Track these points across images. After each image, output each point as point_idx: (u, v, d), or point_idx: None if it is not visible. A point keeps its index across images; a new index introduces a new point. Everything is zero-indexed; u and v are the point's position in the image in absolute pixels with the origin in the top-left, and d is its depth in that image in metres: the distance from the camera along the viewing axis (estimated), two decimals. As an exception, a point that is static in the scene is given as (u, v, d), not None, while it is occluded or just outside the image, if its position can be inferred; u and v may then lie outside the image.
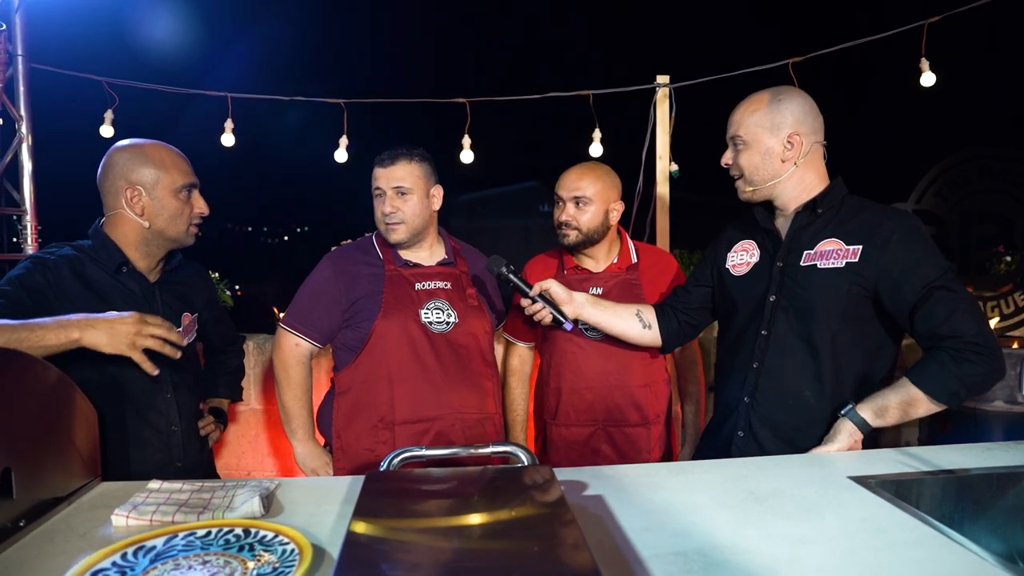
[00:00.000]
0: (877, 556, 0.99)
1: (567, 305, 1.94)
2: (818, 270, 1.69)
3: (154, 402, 1.81)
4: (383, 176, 2.08)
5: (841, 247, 1.67)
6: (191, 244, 1.91)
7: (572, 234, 2.19)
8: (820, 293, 1.68)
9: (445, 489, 1.09)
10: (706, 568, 0.96)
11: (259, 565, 0.94)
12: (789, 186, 1.76)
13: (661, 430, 2.27)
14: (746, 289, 1.85)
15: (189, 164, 1.88)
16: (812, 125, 1.74)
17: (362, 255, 2.14)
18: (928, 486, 1.36)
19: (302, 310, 2.11)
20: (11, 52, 3.00)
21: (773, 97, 1.75)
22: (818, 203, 1.73)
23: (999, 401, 3.24)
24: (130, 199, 1.78)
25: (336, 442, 2.08)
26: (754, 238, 1.88)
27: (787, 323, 1.73)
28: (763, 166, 1.76)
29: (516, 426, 2.40)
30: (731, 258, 1.92)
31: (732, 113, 1.82)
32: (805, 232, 1.75)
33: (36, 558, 1.03)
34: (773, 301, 1.76)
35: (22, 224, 3.14)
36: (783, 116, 1.72)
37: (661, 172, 3.68)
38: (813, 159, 1.75)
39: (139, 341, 1.53)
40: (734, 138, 1.79)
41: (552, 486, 1.06)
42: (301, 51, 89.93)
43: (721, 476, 1.36)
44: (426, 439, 2.01)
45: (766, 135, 1.74)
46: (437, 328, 2.05)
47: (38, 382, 1.22)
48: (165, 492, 1.25)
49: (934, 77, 3.38)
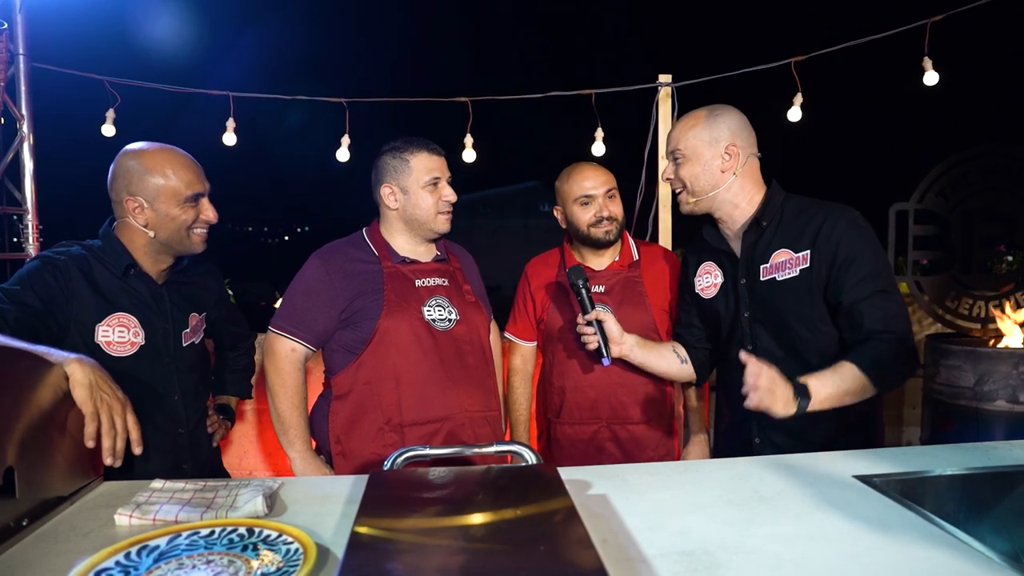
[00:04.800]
0: (883, 555, 0.99)
1: (615, 345, 1.97)
2: (778, 283, 1.78)
3: (162, 405, 1.80)
4: (440, 163, 2.03)
5: (791, 256, 1.77)
6: (200, 251, 1.85)
7: (614, 227, 2.22)
8: (786, 305, 1.77)
9: (449, 488, 1.08)
10: (712, 567, 0.96)
11: (263, 565, 0.94)
12: (729, 195, 1.84)
13: (665, 428, 2.27)
14: (720, 309, 1.93)
15: (197, 169, 1.81)
16: (747, 138, 1.84)
17: (356, 251, 2.04)
18: (933, 485, 1.35)
19: (295, 312, 1.98)
20: (13, 51, 3.00)
21: (710, 113, 1.84)
22: (761, 217, 1.81)
23: (1001, 401, 3.23)
24: (132, 211, 1.74)
25: (336, 447, 1.98)
26: (713, 259, 1.96)
27: (767, 336, 1.82)
28: (703, 176, 1.84)
29: (519, 425, 2.40)
30: (698, 282, 2.01)
31: (670, 131, 1.92)
32: (756, 247, 1.83)
33: (39, 558, 1.03)
34: (748, 317, 1.85)
35: (23, 224, 3.13)
36: (720, 130, 1.82)
37: (663, 171, 3.67)
38: (750, 169, 1.84)
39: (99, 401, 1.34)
40: (674, 152, 1.89)
41: (557, 485, 1.05)
42: (303, 50, 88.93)
43: (727, 475, 1.35)
44: (437, 440, 1.95)
45: (705, 148, 1.82)
46: (440, 326, 1.99)
47: (42, 382, 1.22)
48: (168, 491, 1.25)
49: (937, 76, 3.37)
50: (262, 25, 79.06)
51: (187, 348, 1.88)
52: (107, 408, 1.33)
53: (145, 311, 1.78)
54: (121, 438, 1.34)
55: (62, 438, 1.25)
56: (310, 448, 2.01)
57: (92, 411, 1.30)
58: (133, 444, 1.37)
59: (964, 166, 3.85)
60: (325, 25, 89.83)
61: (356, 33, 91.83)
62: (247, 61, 69.78)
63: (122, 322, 1.73)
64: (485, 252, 1.91)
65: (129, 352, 1.73)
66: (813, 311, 1.74)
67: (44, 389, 1.22)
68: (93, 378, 1.32)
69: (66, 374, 1.29)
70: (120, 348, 1.72)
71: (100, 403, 1.32)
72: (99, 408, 1.31)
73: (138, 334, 1.75)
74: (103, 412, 1.32)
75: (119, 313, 1.73)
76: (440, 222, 2.04)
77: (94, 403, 1.30)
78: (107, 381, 1.36)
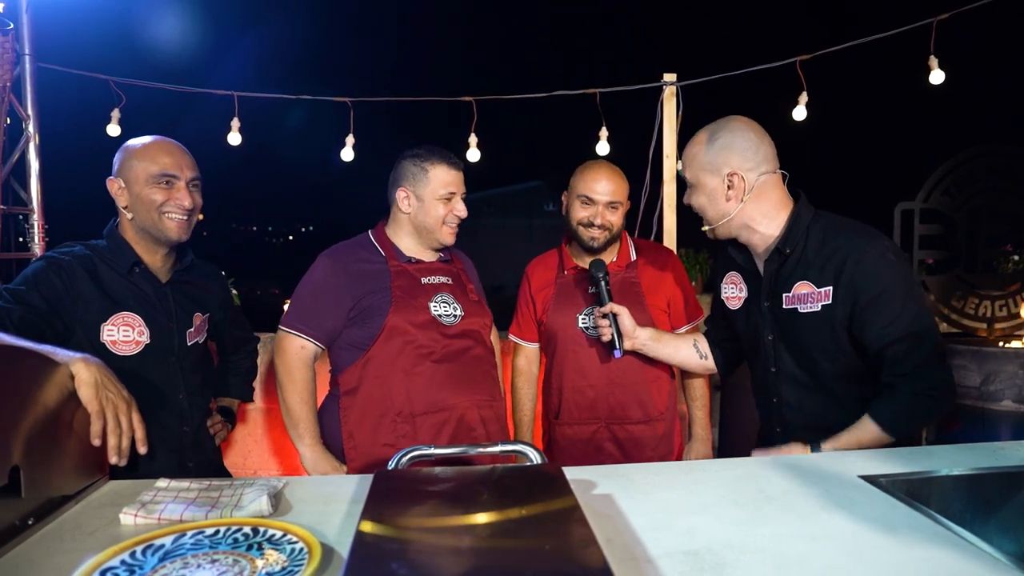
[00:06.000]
0: (888, 555, 0.99)
1: (628, 339, 2.01)
2: (800, 314, 1.69)
3: (167, 404, 1.80)
4: (458, 178, 2.08)
5: (814, 290, 1.66)
6: (177, 239, 1.80)
7: (603, 236, 2.21)
8: (809, 335, 1.69)
9: (454, 488, 1.08)
10: (717, 567, 0.95)
11: (268, 564, 0.94)
12: (743, 221, 1.73)
13: (666, 427, 2.27)
14: (743, 324, 1.89)
15: (179, 155, 1.80)
16: (754, 159, 1.69)
17: (363, 252, 2.09)
18: (939, 485, 1.35)
19: (304, 310, 2.03)
20: (18, 51, 3.01)
21: (710, 136, 1.72)
22: (783, 245, 1.70)
23: (1007, 401, 3.22)
24: (115, 192, 1.79)
25: (348, 443, 2.01)
26: (739, 271, 1.89)
27: (791, 360, 1.75)
28: (710, 206, 1.75)
29: (523, 426, 2.41)
30: (724, 289, 1.95)
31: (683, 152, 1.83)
32: (779, 275, 1.74)
33: (45, 556, 1.03)
34: (771, 340, 1.78)
35: (29, 223, 3.15)
36: (717, 155, 1.70)
37: (668, 171, 3.67)
38: (764, 190, 1.70)
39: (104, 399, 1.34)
40: (685, 179, 1.81)
41: (562, 484, 1.05)
42: (307, 50, 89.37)
43: (731, 475, 1.35)
44: (448, 428, 1.99)
45: (707, 176, 1.72)
46: (446, 321, 2.04)
47: (47, 381, 1.22)
48: (173, 491, 1.25)
49: (943, 75, 3.36)
50: (266, 25, 78.82)
51: (191, 347, 1.89)
52: (112, 407, 1.33)
53: (150, 310, 1.78)
54: (127, 437, 1.35)
55: (67, 437, 1.26)
56: (320, 442, 2.05)
57: (98, 409, 1.30)
58: (138, 443, 1.37)
59: (970, 165, 3.84)
60: (329, 25, 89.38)
61: (360, 33, 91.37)
62: (251, 61, 69.49)
63: (127, 321, 1.73)
64: (489, 252, 1.90)
65: (134, 351, 1.74)
66: (836, 346, 1.65)
67: (50, 388, 1.22)
68: (99, 377, 1.32)
69: (71, 373, 1.29)
70: (125, 347, 1.72)
71: (106, 402, 1.32)
72: (104, 407, 1.32)
73: (143, 333, 1.75)
74: (108, 411, 1.32)
75: (124, 312, 1.74)
76: (445, 234, 2.08)
77: (99, 402, 1.31)
78: (112, 380, 1.36)
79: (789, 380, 1.76)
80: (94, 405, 1.30)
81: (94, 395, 1.30)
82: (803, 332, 1.69)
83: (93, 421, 1.30)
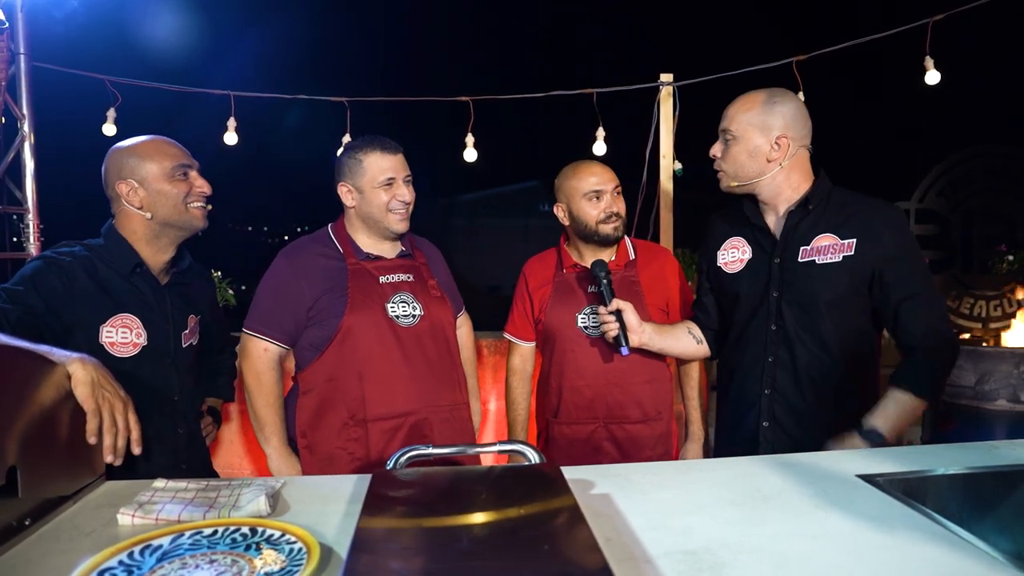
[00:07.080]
0: (886, 554, 0.99)
1: (634, 334, 2.00)
2: (817, 266, 1.77)
3: (163, 406, 1.80)
4: (395, 163, 2.01)
5: (836, 241, 1.76)
6: (202, 227, 1.85)
7: (621, 224, 2.23)
8: (821, 287, 1.76)
9: (453, 488, 1.08)
10: (715, 566, 0.95)
11: (266, 564, 0.94)
12: (773, 184, 1.83)
13: (663, 427, 2.27)
14: (745, 286, 1.90)
15: (180, 148, 1.84)
16: (800, 130, 1.81)
17: (321, 248, 2.06)
18: (936, 484, 1.35)
19: (264, 312, 2.01)
20: (13, 50, 3.00)
21: (768, 98, 1.81)
22: (809, 200, 1.80)
23: (1002, 400, 3.23)
24: (127, 194, 1.77)
25: (302, 441, 2.02)
26: (742, 234, 1.94)
27: (793, 317, 1.80)
28: (749, 163, 1.82)
29: (517, 425, 2.41)
30: (722, 255, 1.98)
31: (727, 107, 1.87)
32: (798, 228, 1.81)
33: (42, 557, 1.02)
34: (776, 297, 1.82)
35: (24, 223, 3.14)
36: (774, 118, 1.79)
37: (665, 170, 3.68)
38: (798, 161, 1.82)
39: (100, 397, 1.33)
40: (725, 131, 1.85)
41: (561, 484, 1.05)
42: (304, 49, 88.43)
43: (729, 474, 1.35)
44: (400, 434, 1.97)
45: (756, 133, 1.80)
46: (404, 322, 2.00)
47: (44, 381, 1.22)
48: (170, 491, 1.25)
49: (938, 75, 3.38)
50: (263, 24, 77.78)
51: (186, 349, 1.89)
52: (108, 406, 1.33)
53: (148, 312, 1.78)
54: (122, 436, 1.34)
55: (65, 438, 1.25)
56: (286, 444, 2.04)
57: (94, 408, 1.30)
58: (133, 443, 1.37)
59: (965, 165, 3.85)
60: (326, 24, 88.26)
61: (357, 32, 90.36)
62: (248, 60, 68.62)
63: (125, 323, 1.73)
64: (486, 251, 1.91)
65: (132, 353, 1.73)
66: (847, 300, 1.75)
67: (47, 388, 1.22)
68: (95, 376, 1.32)
69: (68, 373, 1.29)
70: (123, 349, 1.72)
71: (102, 401, 1.32)
72: (101, 406, 1.31)
73: (140, 335, 1.75)
74: (104, 410, 1.32)
75: (122, 314, 1.73)
76: (393, 221, 2.02)
77: (96, 401, 1.30)
78: (109, 380, 1.36)
79: (789, 338, 1.80)
80: (90, 404, 1.30)
81: (90, 394, 1.30)
82: (816, 284, 1.76)
83: (89, 419, 1.30)
